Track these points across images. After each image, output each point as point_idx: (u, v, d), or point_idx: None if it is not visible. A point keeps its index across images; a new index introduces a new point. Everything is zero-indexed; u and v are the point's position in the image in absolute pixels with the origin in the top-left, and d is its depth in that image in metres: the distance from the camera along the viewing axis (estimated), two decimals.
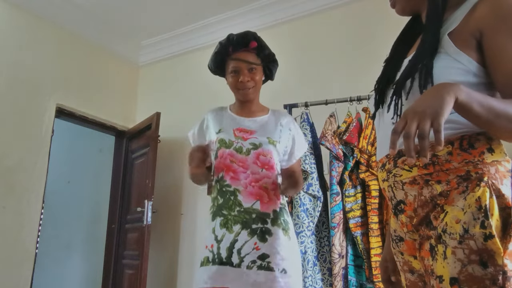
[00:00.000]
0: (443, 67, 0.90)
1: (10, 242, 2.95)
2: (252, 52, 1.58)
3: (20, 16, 3.26)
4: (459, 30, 0.91)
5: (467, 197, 0.83)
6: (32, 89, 3.26)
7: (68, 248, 4.56)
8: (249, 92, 1.56)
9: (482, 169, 0.84)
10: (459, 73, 0.89)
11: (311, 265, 2.14)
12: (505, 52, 0.86)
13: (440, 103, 0.74)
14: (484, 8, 0.90)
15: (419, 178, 0.91)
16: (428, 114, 0.74)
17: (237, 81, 1.54)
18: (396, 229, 1.01)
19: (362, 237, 2.12)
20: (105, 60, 3.98)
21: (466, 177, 0.85)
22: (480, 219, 0.79)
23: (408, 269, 1.00)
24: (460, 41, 0.90)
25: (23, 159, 3.12)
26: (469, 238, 0.80)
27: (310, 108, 2.46)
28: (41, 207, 3.21)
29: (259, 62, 1.59)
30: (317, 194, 2.18)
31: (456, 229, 0.82)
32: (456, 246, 0.81)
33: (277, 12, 3.44)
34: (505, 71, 0.86)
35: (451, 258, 0.81)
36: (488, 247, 0.78)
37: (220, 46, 1.59)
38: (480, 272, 0.78)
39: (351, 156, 2.23)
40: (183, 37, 3.93)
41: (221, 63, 1.62)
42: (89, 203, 4.56)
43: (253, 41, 1.57)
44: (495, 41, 0.87)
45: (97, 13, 3.68)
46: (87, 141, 4.60)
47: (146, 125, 3.67)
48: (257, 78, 1.57)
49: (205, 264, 1.42)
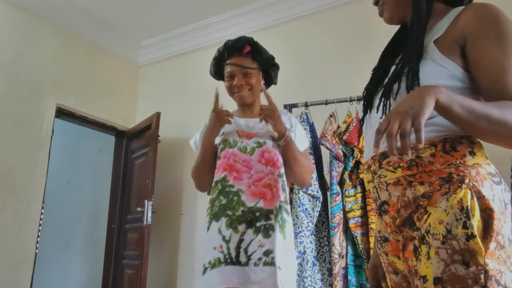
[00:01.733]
0: (429, 72, 0.92)
1: (10, 242, 2.95)
2: (247, 57, 1.61)
3: (20, 16, 3.26)
4: (444, 37, 0.95)
5: (450, 198, 0.85)
6: (32, 89, 3.26)
7: (68, 248, 4.56)
8: (244, 95, 1.59)
9: (464, 172, 0.86)
10: (445, 77, 0.92)
11: (310, 265, 2.13)
12: (487, 57, 0.89)
13: (421, 103, 0.78)
14: (468, 15, 0.94)
15: (403, 179, 0.93)
16: (409, 114, 0.77)
17: (232, 85, 1.60)
18: (380, 229, 1.03)
19: (362, 237, 2.12)
20: (105, 60, 3.98)
21: (448, 179, 0.87)
22: (462, 220, 0.82)
23: (393, 270, 1.02)
24: (445, 48, 0.93)
25: (23, 159, 3.12)
26: (452, 239, 0.82)
27: (310, 108, 2.46)
28: (41, 207, 3.20)
29: (255, 66, 1.61)
30: (316, 194, 2.18)
31: (439, 230, 0.84)
32: (439, 246, 0.83)
33: (277, 12, 3.44)
34: (487, 76, 0.89)
35: (435, 258, 0.83)
36: (470, 247, 0.80)
37: (218, 53, 1.66)
38: (462, 272, 0.80)
39: (351, 156, 2.23)
40: (183, 37, 3.93)
41: (219, 69, 1.67)
42: (89, 203, 4.56)
43: (247, 46, 1.60)
44: (477, 47, 0.90)
45: (97, 13, 3.68)
46: (87, 141, 4.61)
47: (146, 125, 3.67)
48: (252, 81, 1.59)
49: (217, 265, 1.39)
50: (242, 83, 1.58)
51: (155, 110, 3.62)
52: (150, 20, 3.78)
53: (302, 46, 3.32)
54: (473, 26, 0.92)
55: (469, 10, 0.95)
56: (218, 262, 1.40)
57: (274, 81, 1.72)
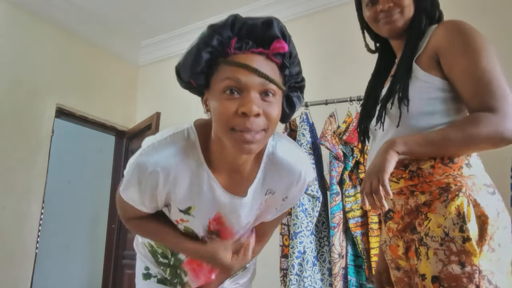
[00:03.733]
0: (416, 88, 1.02)
1: (10, 242, 2.95)
2: (273, 61, 0.84)
3: (20, 16, 3.26)
4: (422, 55, 1.04)
5: (448, 205, 0.93)
6: (32, 89, 3.26)
7: (68, 248, 4.56)
8: (255, 140, 0.81)
9: (461, 182, 0.94)
10: (430, 91, 1.01)
11: (310, 265, 2.14)
12: (459, 71, 0.97)
13: (382, 162, 0.92)
14: (438, 32, 1.03)
15: (405, 189, 1.01)
16: (374, 174, 0.92)
17: (236, 110, 0.80)
18: (384, 234, 1.13)
19: (362, 237, 2.12)
20: (105, 60, 3.97)
21: (447, 189, 0.95)
22: (459, 224, 0.90)
23: (395, 266, 1.09)
24: (425, 65, 1.02)
25: (23, 159, 3.11)
26: (449, 241, 0.90)
27: (310, 108, 2.46)
28: (41, 207, 3.20)
29: (281, 83, 0.85)
30: (316, 194, 2.18)
31: (438, 233, 0.92)
32: (437, 247, 0.91)
33: (277, 12, 3.44)
34: (463, 87, 0.96)
35: (433, 259, 0.91)
36: (466, 249, 0.88)
37: (211, 33, 0.84)
38: (458, 271, 0.87)
39: (351, 156, 2.23)
40: (183, 37, 3.93)
41: (206, 68, 0.85)
42: (89, 203, 4.55)
43: (279, 39, 0.83)
44: (448, 61, 0.99)
45: (97, 13, 3.68)
46: (87, 141, 4.60)
47: (146, 125, 3.67)
48: (275, 113, 0.83)
49: (163, 283, 1.19)
50: (259, 111, 0.81)
51: (155, 110, 3.62)
52: (150, 20, 3.78)
53: (302, 46, 3.30)
54: (442, 41, 1.00)
55: (439, 27, 1.04)
56: (163, 280, 1.17)
57: (288, 118, 0.96)
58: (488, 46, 0.96)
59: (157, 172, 0.88)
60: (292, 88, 0.91)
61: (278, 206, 1.07)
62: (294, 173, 0.98)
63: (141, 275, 1.23)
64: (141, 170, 0.88)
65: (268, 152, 0.96)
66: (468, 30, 0.98)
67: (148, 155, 0.89)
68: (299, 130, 2.32)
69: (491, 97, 0.91)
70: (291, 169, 0.98)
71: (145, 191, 0.92)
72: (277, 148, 0.97)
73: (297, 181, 1.00)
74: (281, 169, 0.97)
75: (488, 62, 0.94)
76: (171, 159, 0.89)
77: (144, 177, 0.89)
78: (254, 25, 0.83)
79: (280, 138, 1.00)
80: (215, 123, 0.85)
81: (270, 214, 1.10)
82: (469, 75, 0.94)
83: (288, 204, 1.08)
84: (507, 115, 0.89)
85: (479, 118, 0.90)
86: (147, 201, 0.95)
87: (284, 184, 1.00)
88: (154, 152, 0.89)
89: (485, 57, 0.94)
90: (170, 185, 0.91)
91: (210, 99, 0.86)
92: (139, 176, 0.89)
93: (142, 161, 0.89)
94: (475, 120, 0.91)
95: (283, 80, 0.86)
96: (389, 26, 1.12)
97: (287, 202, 1.06)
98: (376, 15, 1.13)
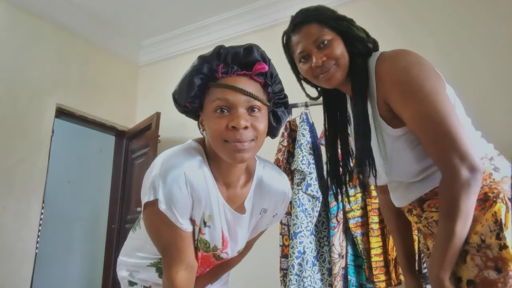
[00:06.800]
0: (395, 150, 1.04)
1: (10, 242, 2.95)
2: (256, 81, 0.98)
3: (20, 16, 3.26)
4: (379, 103, 1.04)
5: (486, 213, 0.95)
6: (32, 89, 3.26)
7: (68, 248, 4.57)
8: (245, 149, 0.92)
9: (497, 188, 0.96)
10: (406, 144, 1.02)
11: (310, 265, 2.14)
12: (405, 119, 0.98)
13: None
14: (381, 78, 1.02)
15: None
16: None
17: (226, 125, 0.91)
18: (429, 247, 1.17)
19: (362, 237, 2.12)
20: (105, 60, 3.98)
21: (485, 199, 0.96)
22: (495, 231, 0.92)
23: None
24: (388, 118, 1.02)
25: (23, 159, 3.11)
26: (486, 248, 0.92)
27: (310, 108, 2.46)
28: (41, 207, 3.21)
29: (265, 100, 0.98)
30: (316, 195, 2.17)
31: (475, 240, 0.94)
32: (474, 253, 0.94)
33: (277, 12, 3.44)
34: (415, 134, 0.98)
35: (470, 263, 0.94)
36: (503, 256, 0.90)
37: (201, 62, 0.95)
38: (494, 277, 0.90)
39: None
40: (183, 37, 3.93)
41: (199, 92, 0.96)
42: (89, 203, 4.56)
43: (260, 62, 0.96)
44: (396, 109, 0.99)
45: (97, 13, 3.68)
46: (87, 141, 4.61)
47: (146, 125, 3.67)
48: (261, 126, 0.95)
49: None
50: (247, 124, 0.93)
51: (155, 110, 3.62)
52: (150, 20, 3.78)
53: None
54: (388, 90, 1.00)
55: (381, 68, 1.02)
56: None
57: (276, 133, 1.10)
58: (425, 81, 0.95)
59: (184, 177, 0.94)
60: (276, 104, 1.04)
61: (268, 222, 1.21)
62: (280, 193, 1.15)
63: (126, 284, 1.29)
64: (174, 178, 0.94)
65: (257, 175, 1.11)
66: (402, 71, 0.97)
67: (173, 164, 0.96)
68: (299, 130, 2.31)
69: (438, 150, 0.93)
70: (277, 190, 1.14)
71: (183, 198, 0.95)
72: (263, 177, 1.12)
73: (283, 200, 1.17)
74: (269, 190, 1.13)
75: (429, 104, 0.93)
76: (196, 168, 0.98)
77: (179, 183, 0.94)
78: (237, 52, 0.95)
79: (266, 164, 1.16)
80: (210, 139, 0.95)
81: (261, 229, 1.24)
82: (416, 125, 0.96)
83: (276, 220, 1.23)
84: (455, 165, 0.90)
85: (449, 202, 0.93)
86: (185, 214, 0.98)
87: (273, 202, 1.15)
88: (176, 159, 0.98)
89: (424, 100, 0.94)
90: (195, 193, 0.97)
91: (205, 119, 0.98)
92: (173, 186, 0.93)
93: (170, 167, 0.96)
94: (449, 205, 0.93)
95: (267, 97, 1.00)
96: (329, 80, 1.10)
97: (276, 218, 1.21)
98: (313, 71, 1.11)
